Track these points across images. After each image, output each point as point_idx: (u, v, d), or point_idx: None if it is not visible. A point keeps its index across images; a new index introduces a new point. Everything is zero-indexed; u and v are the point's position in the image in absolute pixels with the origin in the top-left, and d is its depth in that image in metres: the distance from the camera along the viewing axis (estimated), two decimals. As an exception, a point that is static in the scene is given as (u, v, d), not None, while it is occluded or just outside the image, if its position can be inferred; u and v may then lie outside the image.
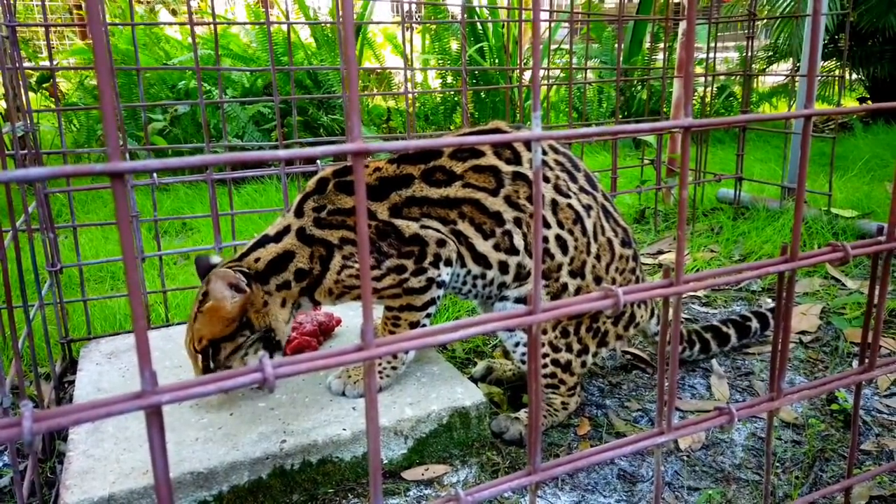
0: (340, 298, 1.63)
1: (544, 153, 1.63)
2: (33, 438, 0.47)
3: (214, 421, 1.56)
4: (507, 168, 1.59)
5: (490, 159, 1.59)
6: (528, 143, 1.62)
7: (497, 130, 1.62)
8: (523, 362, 1.76)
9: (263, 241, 1.62)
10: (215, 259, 1.72)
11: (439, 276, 1.61)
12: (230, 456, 1.42)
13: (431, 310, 1.66)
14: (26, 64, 4.95)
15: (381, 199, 1.58)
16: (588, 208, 1.64)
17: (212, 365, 1.54)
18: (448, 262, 1.61)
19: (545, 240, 1.60)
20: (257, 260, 1.59)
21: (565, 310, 0.64)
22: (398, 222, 1.57)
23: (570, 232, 1.61)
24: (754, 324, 2.10)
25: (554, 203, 1.60)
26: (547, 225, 1.60)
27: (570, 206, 1.61)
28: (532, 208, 1.58)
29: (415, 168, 1.59)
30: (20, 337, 1.66)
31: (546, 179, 1.61)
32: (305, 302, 1.64)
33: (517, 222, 1.60)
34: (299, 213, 1.61)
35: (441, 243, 1.59)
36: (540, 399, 0.63)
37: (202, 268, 1.68)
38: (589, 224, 1.63)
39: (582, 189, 1.65)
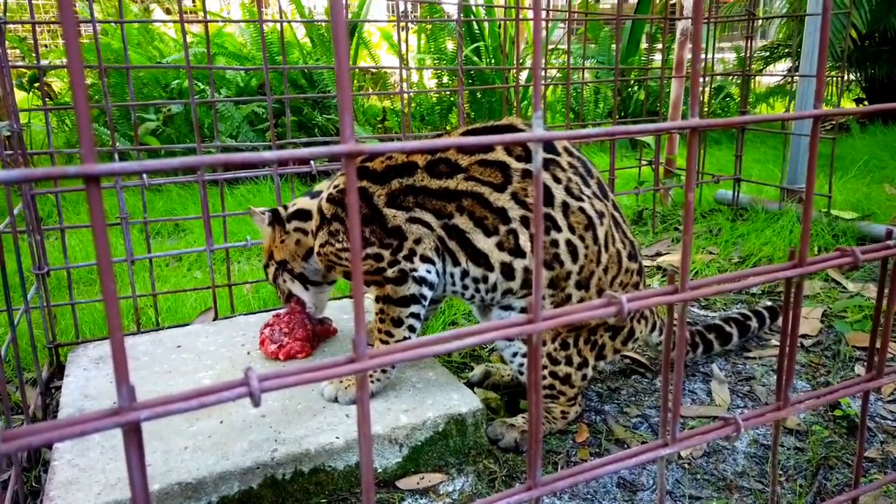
0: (330, 271, 1.74)
1: (558, 154, 1.58)
2: (2, 458, 0.43)
3: (204, 429, 1.52)
4: (516, 164, 1.53)
5: (499, 154, 1.54)
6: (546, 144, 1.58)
7: (511, 127, 1.58)
8: (521, 373, 1.71)
9: (310, 194, 1.84)
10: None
11: (414, 270, 1.58)
12: (220, 465, 1.38)
13: (415, 308, 1.62)
14: (17, 63, 4.90)
15: (382, 183, 1.58)
16: (601, 215, 1.56)
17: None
18: (426, 259, 1.58)
19: (555, 244, 1.53)
20: (294, 205, 1.85)
21: (567, 318, 0.61)
22: (385, 211, 1.57)
23: (581, 238, 1.53)
24: (754, 323, 2.10)
25: (565, 205, 1.53)
26: (558, 228, 1.52)
27: (581, 209, 1.54)
28: (543, 208, 1.54)
29: (421, 158, 1.57)
30: (4, 342, 1.62)
31: (557, 180, 1.54)
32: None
33: (524, 222, 1.53)
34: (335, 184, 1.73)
35: (417, 241, 1.57)
36: (540, 410, 0.60)
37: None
38: (601, 232, 1.56)
39: (594, 195, 1.58)
